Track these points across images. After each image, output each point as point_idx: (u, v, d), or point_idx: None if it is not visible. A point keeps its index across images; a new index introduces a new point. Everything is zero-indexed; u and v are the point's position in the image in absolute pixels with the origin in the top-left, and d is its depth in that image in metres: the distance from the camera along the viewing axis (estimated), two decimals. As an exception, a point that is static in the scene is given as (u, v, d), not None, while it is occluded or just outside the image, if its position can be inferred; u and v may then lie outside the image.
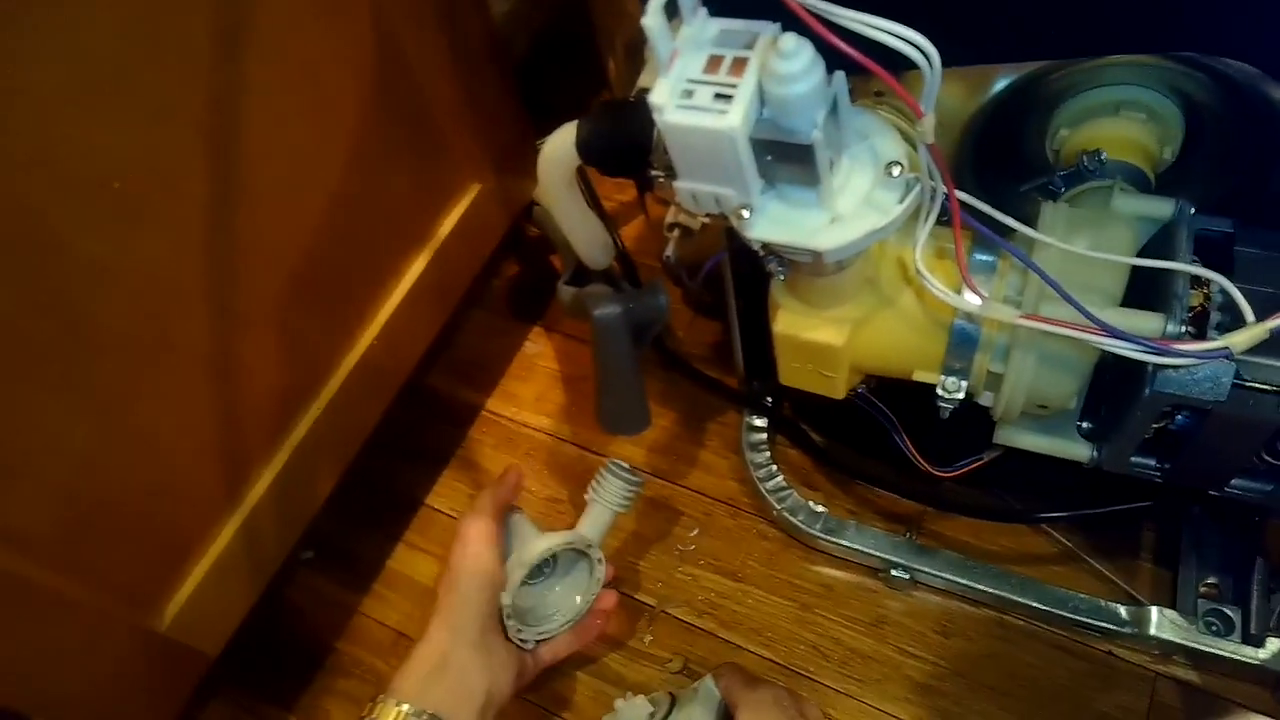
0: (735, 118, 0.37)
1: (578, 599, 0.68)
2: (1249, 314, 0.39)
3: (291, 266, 0.61)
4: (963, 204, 0.43)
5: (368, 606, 0.82)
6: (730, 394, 0.84)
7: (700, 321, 0.93)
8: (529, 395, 0.92)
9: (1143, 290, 0.45)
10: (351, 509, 0.85)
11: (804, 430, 0.79)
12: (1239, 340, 0.38)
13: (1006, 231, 0.46)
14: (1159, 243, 0.46)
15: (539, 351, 0.95)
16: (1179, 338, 0.41)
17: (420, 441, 0.90)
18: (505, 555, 0.64)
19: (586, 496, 0.69)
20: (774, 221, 0.42)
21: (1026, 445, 0.54)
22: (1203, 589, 0.68)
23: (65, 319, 0.48)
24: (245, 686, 0.79)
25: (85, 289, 0.49)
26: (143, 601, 0.58)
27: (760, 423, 0.80)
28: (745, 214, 0.42)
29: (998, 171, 0.54)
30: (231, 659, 0.73)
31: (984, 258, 0.49)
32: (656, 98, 0.38)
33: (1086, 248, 0.44)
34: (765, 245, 0.44)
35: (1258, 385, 0.41)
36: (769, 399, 0.80)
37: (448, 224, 0.75)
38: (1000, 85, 0.51)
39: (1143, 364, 0.43)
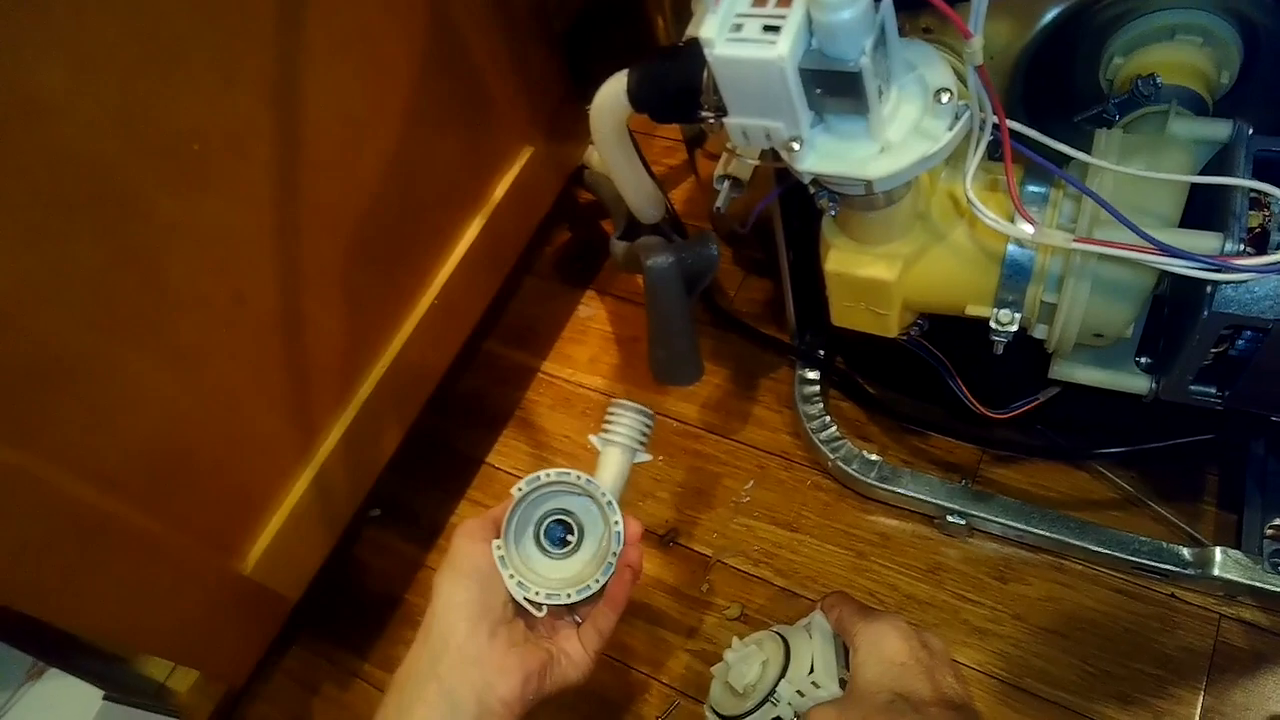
0: (784, 47, 0.38)
1: (599, 560, 0.57)
2: (1303, 225, 0.39)
3: (352, 228, 0.64)
4: (1013, 132, 0.43)
5: (433, 560, 0.85)
6: (782, 348, 0.85)
7: (751, 280, 0.93)
8: (583, 357, 0.93)
9: (1200, 214, 0.45)
10: (415, 469, 0.88)
11: (857, 381, 0.79)
12: (1301, 253, 0.38)
13: (1060, 160, 0.46)
14: (1216, 164, 0.45)
15: (592, 315, 0.97)
16: (1238, 255, 0.41)
17: (479, 403, 0.93)
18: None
19: (593, 440, 0.62)
20: (824, 154, 0.43)
21: (1083, 380, 0.54)
22: (1269, 530, 0.67)
23: (146, 275, 0.51)
24: (322, 636, 0.82)
25: (164, 247, 0.52)
26: (226, 545, 0.62)
27: (813, 375, 0.81)
28: (796, 147, 0.42)
29: (1050, 104, 0.54)
30: (308, 609, 0.77)
31: (1036, 189, 0.48)
32: (706, 32, 0.39)
33: (1142, 170, 0.44)
34: (816, 179, 0.45)
35: (1321, 302, 0.40)
36: (821, 351, 0.81)
37: (500, 188, 0.77)
38: (1050, 15, 0.51)
39: (1201, 286, 0.43)
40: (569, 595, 0.55)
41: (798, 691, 0.55)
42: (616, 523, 0.57)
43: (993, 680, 0.68)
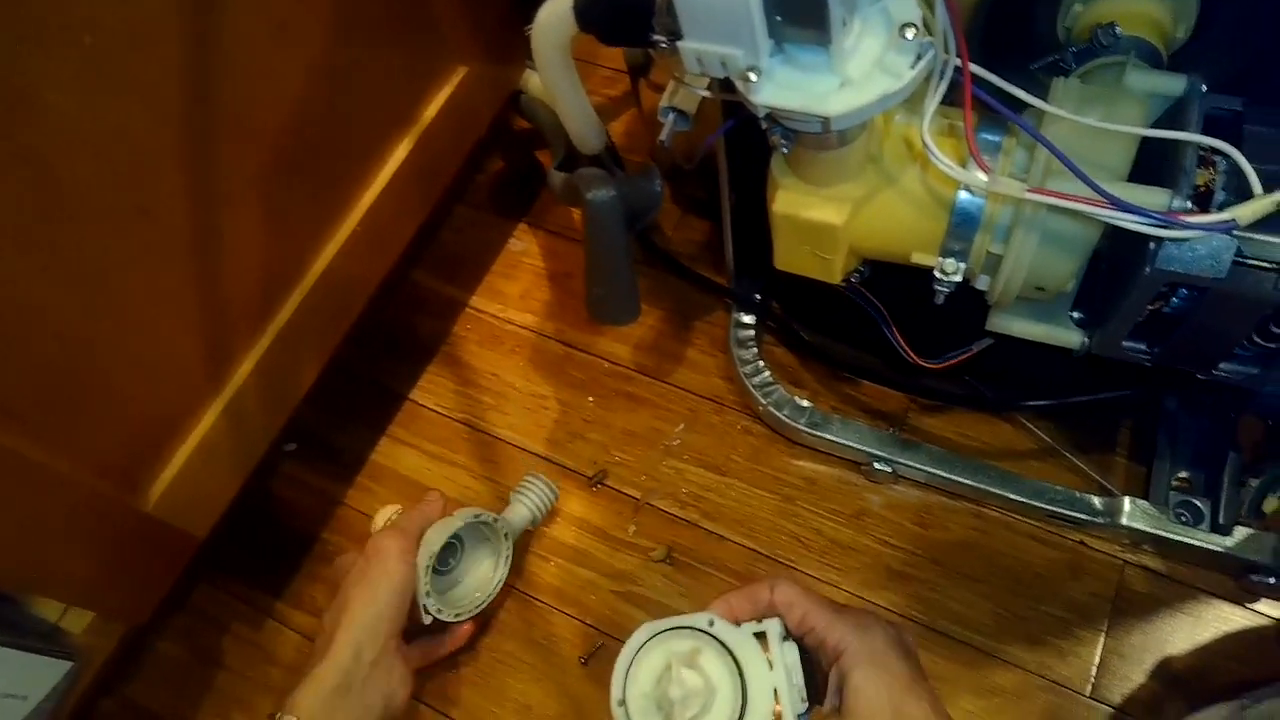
0: (748, -35, 0.36)
1: (493, 579, 0.70)
2: (1256, 186, 0.39)
3: (273, 142, 0.59)
4: (977, 77, 0.42)
5: (352, 498, 0.82)
6: (719, 290, 0.84)
7: (690, 219, 0.91)
8: (514, 292, 0.90)
9: (1150, 169, 0.45)
10: (335, 402, 0.85)
11: (792, 326, 0.79)
12: (1244, 212, 0.38)
13: (1017, 107, 0.45)
14: (1169, 119, 0.45)
15: (524, 248, 0.93)
16: (1185, 213, 0.41)
17: (404, 336, 0.89)
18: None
19: (510, 498, 0.74)
20: (782, 86, 0.41)
21: (1019, 333, 0.54)
22: (1175, 482, 0.69)
23: (36, 176, 0.46)
24: (233, 573, 0.79)
25: (56, 147, 0.47)
26: (128, 480, 0.58)
27: (748, 319, 0.80)
28: (753, 77, 0.40)
29: (1008, 50, 0.52)
30: (219, 546, 0.74)
31: (990, 137, 0.48)
32: (666, -57, 0.36)
33: (1098, 122, 0.43)
34: (771, 114, 0.43)
35: (1258, 262, 0.41)
36: (758, 296, 0.80)
37: (433, 107, 0.73)
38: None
39: (1144, 242, 0.43)
40: (477, 604, 0.68)
41: None
42: (507, 557, 0.70)
43: (910, 622, 0.70)
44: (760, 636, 0.45)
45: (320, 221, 0.66)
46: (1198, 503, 0.68)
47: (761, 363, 0.78)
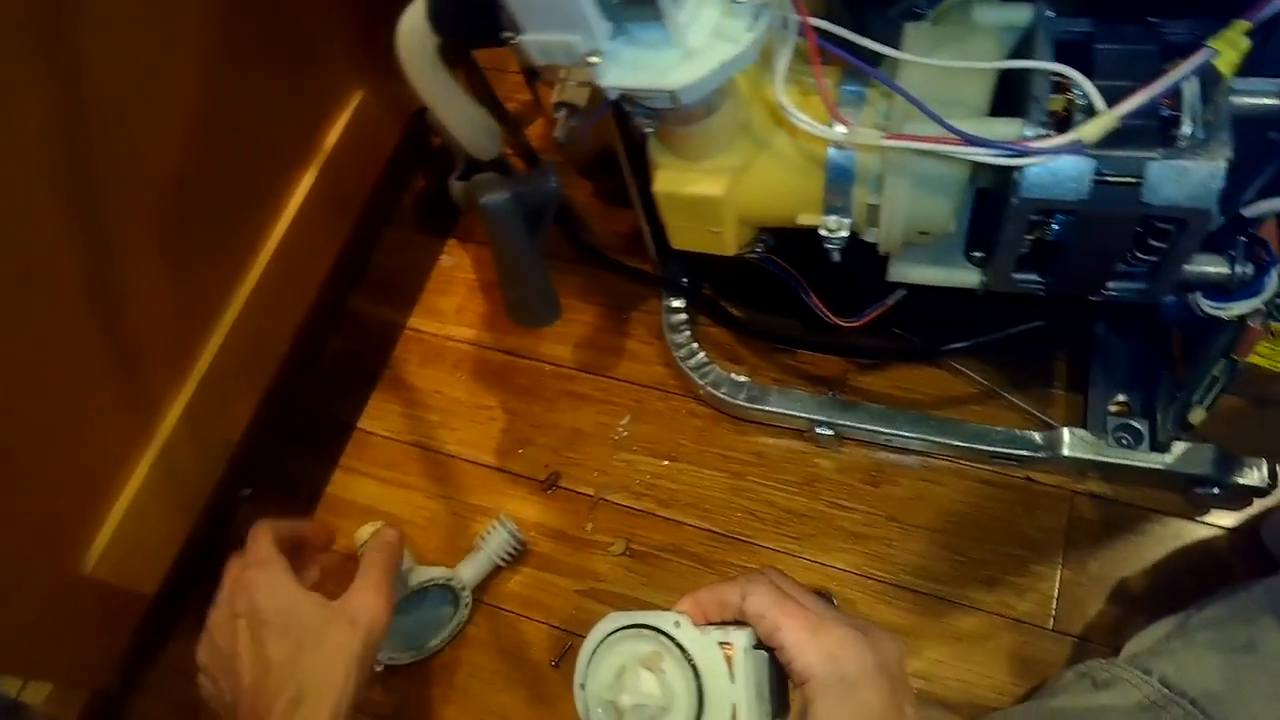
0: (561, -49, 0.36)
1: (439, 634, 0.72)
2: (1100, 104, 0.39)
3: (163, 190, 0.59)
4: (822, 31, 0.42)
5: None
6: (647, 278, 0.84)
7: (615, 212, 0.91)
8: (449, 308, 0.90)
9: (1010, 101, 0.45)
10: (286, 440, 0.85)
11: (720, 305, 0.79)
12: (1089, 130, 0.38)
13: (875, 59, 0.45)
14: (1020, 50, 0.45)
15: (455, 263, 0.93)
16: (1034, 139, 0.41)
17: (346, 366, 0.89)
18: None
19: (475, 544, 0.74)
20: (626, 66, 0.41)
21: (918, 279, 0.54)
22: (1113, 407, 0.70)
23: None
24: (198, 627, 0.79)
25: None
26: (61, 544, 0.58)
27: (678, 304, 0.80)
28: (595, 61, 0.41)
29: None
30: (186, 598, 0.74)
31: (853, 89, 0.48)
32: (478, -61, 0.37)
33: (950, 62, 0.43)
34: (624, 95, 0.43)
35: (1119, 179, 0.41)
36: (685, 279, 0.80)
37: (333, 135, 0.73)
38: (858, -90, 0.50)
39: (1010, 174, 0.43)
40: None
41: None
42: (466, 604, 0.73)
43: (871, 581, 0.70)
44: (726, 646, 0.42)
45: (229, 261, 0.66)
46: (1136, 424, 0.68)
47: (696, 345, 0.78)
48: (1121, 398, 0.70)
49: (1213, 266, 0.46)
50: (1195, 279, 0.46)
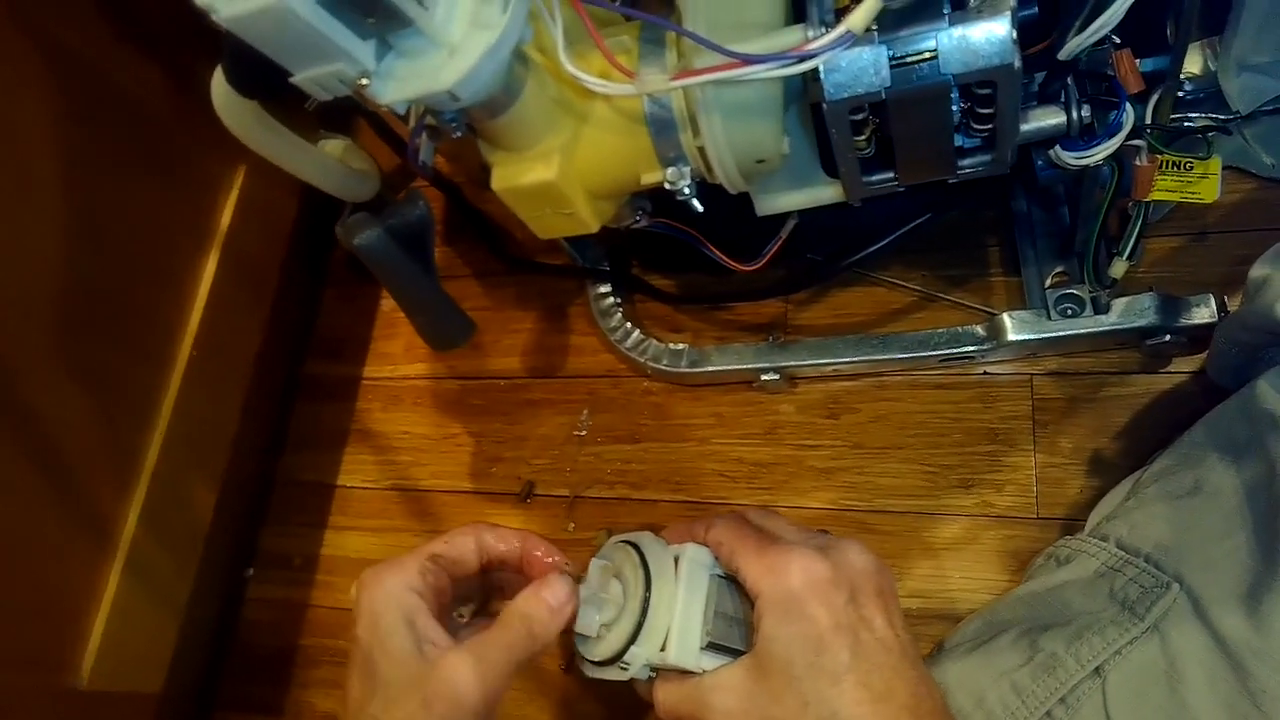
0: (278, -13, 0.36)
1: None
2: (862, -11, 0.38)
3: (63, 304, 0.60)
4: (588, -9, 0.42)
5: (316, 598, 0.84)
6: (573, 271, 0.84)
7: (532, 216, 0.91)
8: (398, 350, 0.91)
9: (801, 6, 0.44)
10: (274, 515, 0.87)
11: (643, 280, 0.79)
12: (855, 19, 0.37)
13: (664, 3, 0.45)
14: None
15: (394, 305, 0.94)
16: (808, 42, 0.40)
17: (315, 429, 0.90)
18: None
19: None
20: (400, 79, 0.41)
21: (785, 206, 0.53)
22: (1053, 279, 0.68)
23: None
24: (231, 707, 0.81)
25: None
26: (50, 668, 0.60)
27: (604, 289, 0.80)
28: (366, 82, 0.41)
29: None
30: (211, 685, 0.76)
31: (650, 37, 0.47)
32: (200, 0, 0.37)
33: (723, -13, 0.42)
34: (411, 108, 0.43)
35: (912, 58, 0.40)
36: (605, 264, 0.80)
37: (225, 216, 0.74)
38: None
39: (817, 81, 0.42)
40: None
41: (651, 668, 0.44)
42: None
43: (850, 513, 0.69)
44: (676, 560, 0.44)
45: (149, 357, 0.68)
46: (1077, 292, 0.66)
47: (629, 324, 0.78)
48: (1060, 269, 0.68)
49: (1049, 119, 0.44)
50: (1036, 135, 0.45)
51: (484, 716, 0.40)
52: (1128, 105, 0.46)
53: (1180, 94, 0.65)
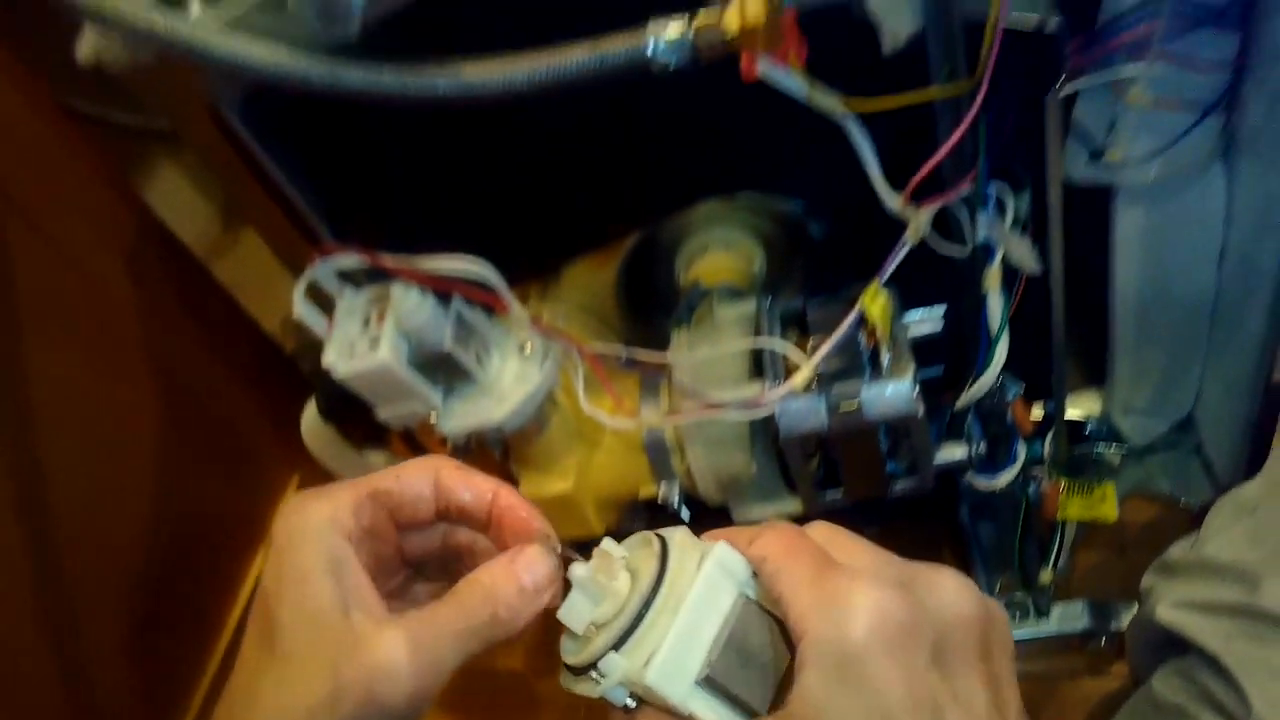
0: (385, 352, 0.50)
1: None
2: (800, 360, 0.53)
3: (124, 582, 0.69)
4: (601, 354, 0.57)
5: None
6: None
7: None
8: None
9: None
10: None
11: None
12: (797, 379, 0.51)
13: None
14: (756, 328, 0.60)
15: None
16: (763, 394, 0.54)
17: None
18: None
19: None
20: (459, 416, 0.55)
21: (756, 516, 0.65)
22: (1000, 585, 0.77)
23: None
24: None
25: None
26: None
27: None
28: (434, 418, 0.54)
29: (649, 309, 0.69)
30: None
31: (652, 381, 0.62)
32: (326, 360, 0.51)
33: (704, 354, 0.58)
34: (466, 435, 0.56)
35: (844, 407, 0.54)
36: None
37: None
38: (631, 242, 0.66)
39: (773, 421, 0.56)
40: None
41: (630, 693, 0.30)
42: None
43: None
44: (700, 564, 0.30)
45: (194, 641, 0.75)
46: (1020, 597, 0.74)
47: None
48: (1006, 576, 0.77)
49: (954, 453, 0.57)
50: (946, 464, 0.57)
51: (409, 718, 0.29)
52: (1019, 443, 0.59)
53: (1086, 429, 0.80)
